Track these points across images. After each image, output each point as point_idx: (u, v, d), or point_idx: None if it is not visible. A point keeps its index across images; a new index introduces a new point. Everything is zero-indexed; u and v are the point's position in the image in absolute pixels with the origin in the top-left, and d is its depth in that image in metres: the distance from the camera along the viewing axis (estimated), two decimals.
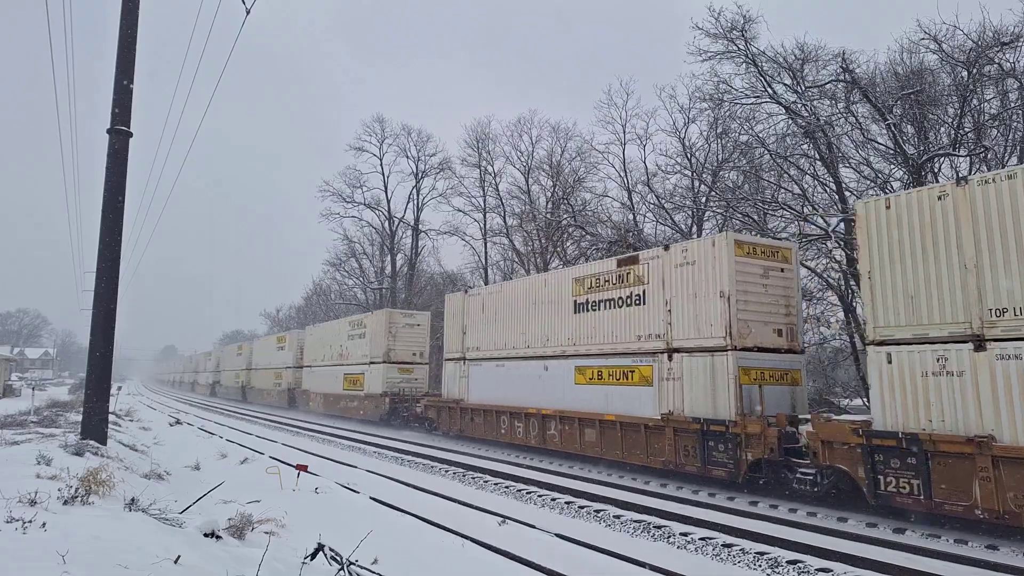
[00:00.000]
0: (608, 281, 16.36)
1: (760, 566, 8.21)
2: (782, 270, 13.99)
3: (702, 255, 13.83)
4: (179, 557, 5.25)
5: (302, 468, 13.03)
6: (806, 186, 23.48)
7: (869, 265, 10.68)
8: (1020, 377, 8.83)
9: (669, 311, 14.43)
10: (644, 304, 15.17)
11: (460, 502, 11.82)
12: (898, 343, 10.18)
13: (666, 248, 14.89)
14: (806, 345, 17.61)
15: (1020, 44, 18.66)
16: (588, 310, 16.92)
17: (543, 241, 36.19)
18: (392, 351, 28.45)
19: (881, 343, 10.39)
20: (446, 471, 15.73)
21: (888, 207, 10.52)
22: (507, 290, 20.83)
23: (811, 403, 16.36)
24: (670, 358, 14.24)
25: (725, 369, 12.90)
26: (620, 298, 15.89)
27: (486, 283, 41.22)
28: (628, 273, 15.74)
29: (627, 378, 15.39)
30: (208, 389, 68.36)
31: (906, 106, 20.67)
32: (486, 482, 14.13)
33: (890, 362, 10.26)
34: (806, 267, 21.52)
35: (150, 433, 22.96)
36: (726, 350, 12.95)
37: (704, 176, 28.22)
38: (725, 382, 12.87)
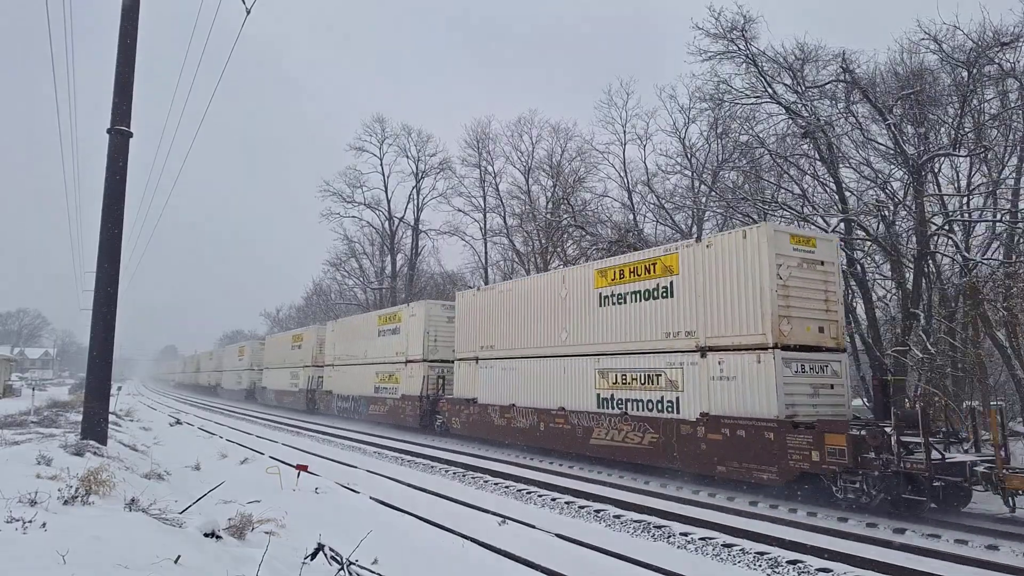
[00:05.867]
0: (387, 320, 29.04)
1: (760, 566, 8.21)
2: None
3: (416, 311, 26.61)
4: (179, 557, 5.26)
5: (302, 468, 13.03)
6: (806, 186, 23.47)
7: (459, 322, 22.61)
8: (523, 376, 18.75)
9: (407, 341, 26.90)
10: (399, 335, 27.67)
11: (460, 502, 11.83)
12: (478, 359, 21.10)
13: (408, 306, 28.30)
14: None
15: (1020, 44, 18.61)
16: (381, 336, 29.29)
17: (543, 241, 36.18)
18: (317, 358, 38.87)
19: (472, 360, 21.32)
20: (446, 471, 15.75)
21: (477, 294, 21.79)
22: (355, 322, 33.94)
23: None
24: (406, 365, 26.70)
25: (422, 372, 25.41)
26: (389, 330, 28.67)
27: (486, 283, 41.24)
28: (395, 315, 28.55)
29: (391, 377, 27.97)
30: (192, 388, 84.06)
31: (906, 106, 20.63)
32: (486, 482, 14.14)
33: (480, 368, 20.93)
34: None
35: (150, 433, 22.97)
36: (422, 361, 25.57)
37: (704, 176, 28.21)
38: (421, 377, 25.35)
